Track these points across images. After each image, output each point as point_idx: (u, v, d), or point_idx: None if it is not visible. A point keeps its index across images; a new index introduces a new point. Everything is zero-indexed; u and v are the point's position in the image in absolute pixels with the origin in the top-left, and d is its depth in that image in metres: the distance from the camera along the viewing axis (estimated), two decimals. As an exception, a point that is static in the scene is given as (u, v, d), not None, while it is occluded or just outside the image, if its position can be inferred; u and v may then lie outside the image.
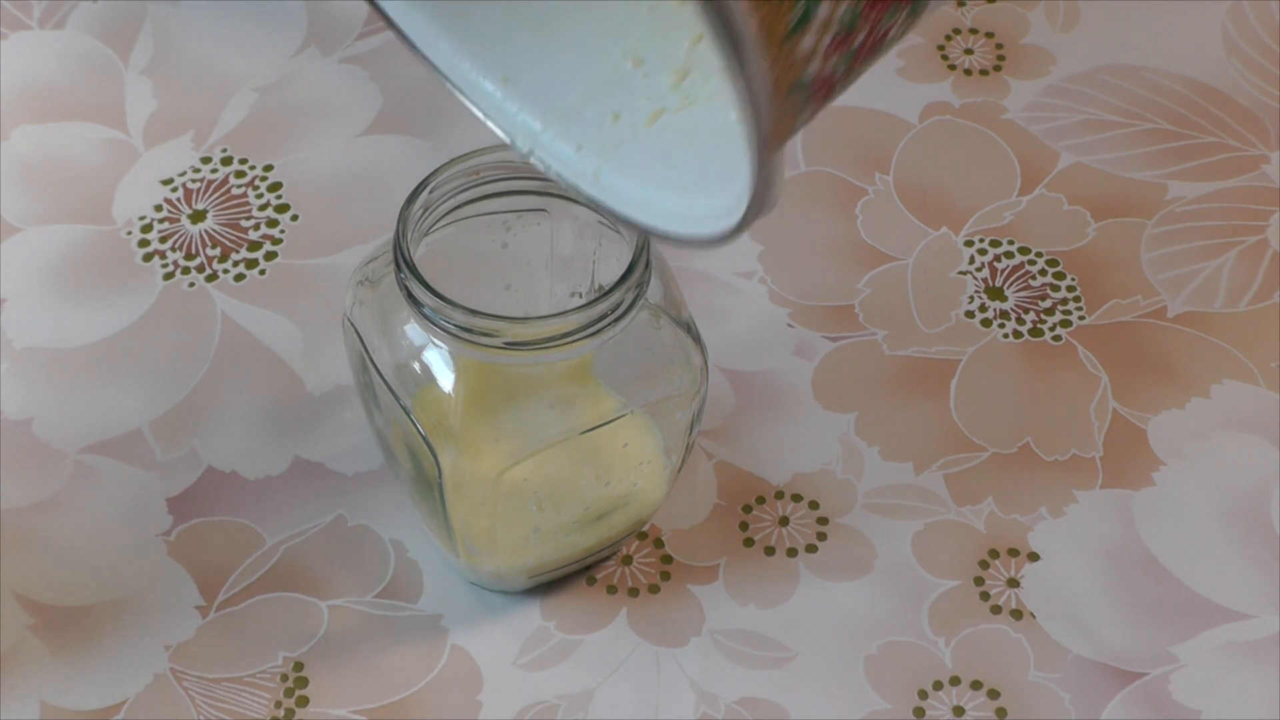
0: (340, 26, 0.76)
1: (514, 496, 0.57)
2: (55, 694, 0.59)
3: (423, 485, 0.58)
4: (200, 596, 0.61)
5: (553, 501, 0.58)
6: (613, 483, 0.59)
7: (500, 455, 0.56)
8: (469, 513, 0.57)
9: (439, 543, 0.60)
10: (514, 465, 0.56)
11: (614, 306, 0.55)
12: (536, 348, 0.54)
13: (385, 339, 0.57)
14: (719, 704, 0.59)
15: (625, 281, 0.55)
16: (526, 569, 0.60)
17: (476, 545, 0.58)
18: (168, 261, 0.69)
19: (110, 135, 0.72)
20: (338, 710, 0.59)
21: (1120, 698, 0.60)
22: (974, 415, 0.66)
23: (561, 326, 0.54)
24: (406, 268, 0.55)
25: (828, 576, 0.62)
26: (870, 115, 0.73)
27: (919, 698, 0.60)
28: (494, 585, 0.61)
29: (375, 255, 0.58)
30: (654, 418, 0.58)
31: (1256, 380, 0.66)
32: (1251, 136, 0.73)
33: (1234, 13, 0.77)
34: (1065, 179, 0.72)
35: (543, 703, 0.59)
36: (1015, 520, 0.63)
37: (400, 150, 0.72)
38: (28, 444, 0.64)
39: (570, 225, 0.59)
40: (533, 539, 0.59)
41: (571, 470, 0.58)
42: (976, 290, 0.69)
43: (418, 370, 0.56)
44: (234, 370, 0.66)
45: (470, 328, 0.54)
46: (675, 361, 0.57)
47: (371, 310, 0.57)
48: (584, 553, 0.60)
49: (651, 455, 0.59)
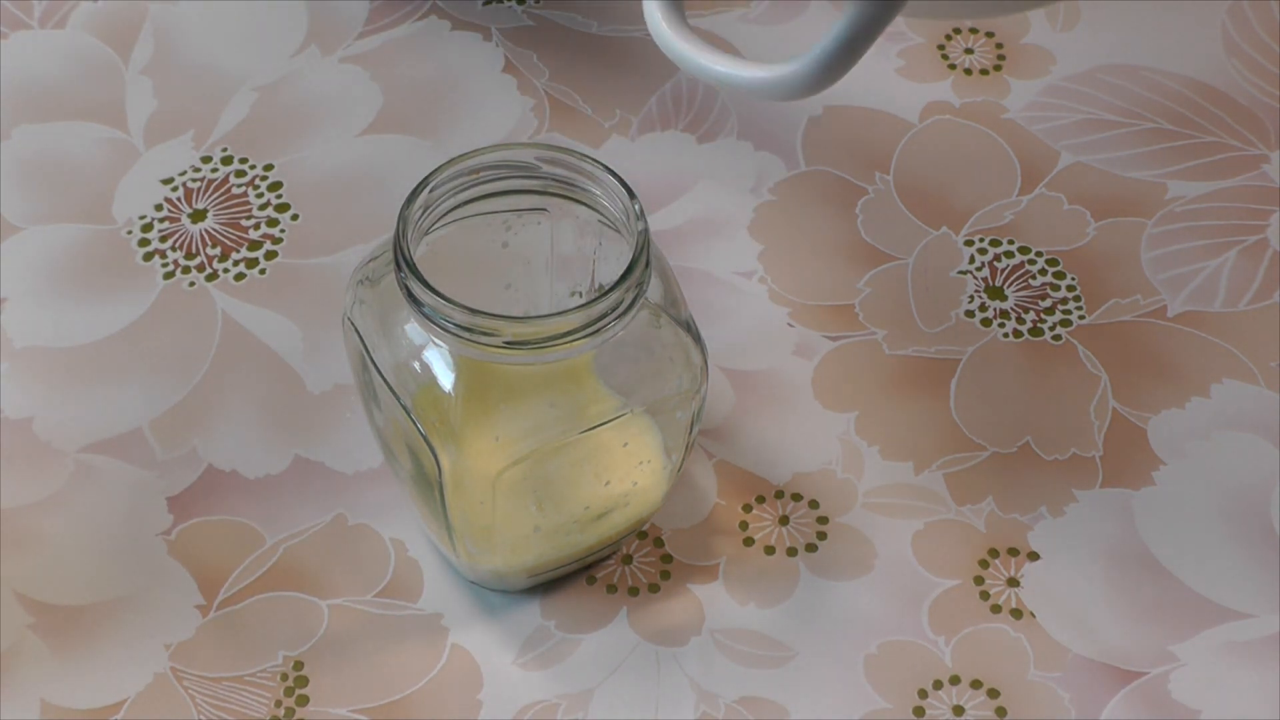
0: (340, 26, 0.76)
1: (514, 495, 0.57)
2: (55, 693, 0.59)
3: (423, 484, 0.58)
4: (200, 596, 0.61)
5: (553, 501, 0.58)
6: (613, 482, 0.59)
7: (500, 454, 0.56)
8: (469, 512, 0.57)
9: (439, 542, 0.60)
10: (514, 464, 0.56)
11: (614, 305, 0.55)
12: (536, 347, 0.54)
13: (385, 338, 0.57)
14: (719, 704, 0.59)
15: (625, 281, 0.55)
16: (526, 568, 0.60)
17: (476, 545, 0.58)
18: (168, 261, 0.69)
19: (110, 135, 0.72)
20: (338, 710, 0.59)
21: (1120, 697, 0.60)
22: (974, 415, 0.66)
23: (561, 326, 0.54)
24: (406, 267, 0.55)
25: (828, 576, 0.62)
26: (870, 115, 0.73)
27: (919, 697, 0.60)
28: (494, 584, 0.61)
29: (375, 255, 0.58)
30: (654, 417, 0.58)
31: (1256, 380, 0.66)
32: (1251, 136, 0.73)
33: (1234, 13, 0.77)
34: (1065, 179, 0.72)
35: (543, 702, 0.59)
36: (1015, 520, 0.63)
37: (400, 150, 0.72)
38: (28, 443, 0.64)
39: (570, 225, 0.59)
40: (533, 538, 0.59)
41: (572, 469, 0.58)
42: (976, 290, 0.69)
43: (417, 369, 0.56)
44: (234, 370, 0.66)
45: (470, 327, 0.54)
46: (675, 360, 0.57)
47: (372, 309, 0.57)
48: (584, 552, 0.60)
49: (652, 454, 0.59)
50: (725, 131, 0.73)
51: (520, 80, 0.74)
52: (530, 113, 0.73)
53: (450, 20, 0.76)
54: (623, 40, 0.75)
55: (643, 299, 0.56)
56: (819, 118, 0.73)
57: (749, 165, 0.72)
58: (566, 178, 0.58)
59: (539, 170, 0.58)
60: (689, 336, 0.58)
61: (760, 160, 0.72)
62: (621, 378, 0.57)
